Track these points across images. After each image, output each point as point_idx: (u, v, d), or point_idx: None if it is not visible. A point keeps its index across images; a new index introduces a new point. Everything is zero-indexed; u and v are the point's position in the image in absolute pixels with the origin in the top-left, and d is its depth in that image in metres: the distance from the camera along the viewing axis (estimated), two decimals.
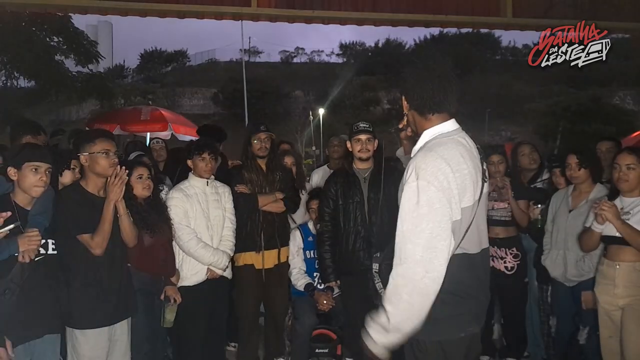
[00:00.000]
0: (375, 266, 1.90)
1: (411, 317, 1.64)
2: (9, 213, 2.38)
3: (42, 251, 2.52)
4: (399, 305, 1.64)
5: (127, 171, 2.66)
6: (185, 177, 3.57)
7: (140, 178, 3.13)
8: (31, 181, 2.46)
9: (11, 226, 2.35)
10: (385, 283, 1.74)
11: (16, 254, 2.37)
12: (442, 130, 1.77)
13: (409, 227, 1.64)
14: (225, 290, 3.63)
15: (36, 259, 2.45)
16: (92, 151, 2.61)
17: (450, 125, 1.79)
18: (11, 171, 2.48)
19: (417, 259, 1.61)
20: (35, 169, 2.46)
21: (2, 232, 2.33)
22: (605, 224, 2.77)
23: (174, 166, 4.37)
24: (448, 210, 1.62)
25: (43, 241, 2.49)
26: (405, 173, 1.73)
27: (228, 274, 3.54)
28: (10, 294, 2.37)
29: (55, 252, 2.59)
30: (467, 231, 1.71)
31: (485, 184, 1.79)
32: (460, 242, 1.69)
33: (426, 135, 1.79)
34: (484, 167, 1.80)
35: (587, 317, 3.17)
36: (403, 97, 1.84)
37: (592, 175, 3.31)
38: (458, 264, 1.69)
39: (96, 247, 2.57)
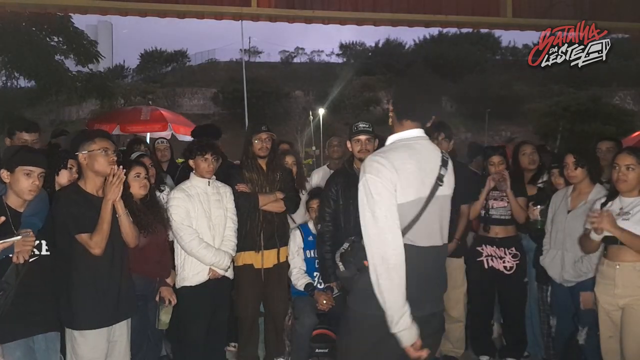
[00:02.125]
0: (342, 249, 2.16)
1: (397, 292, 1.87)
2: (3, 218, 2.37)
3: (36, 252, 2.53)
4: (384, 287, 1.87)
5: (124, 170, 2.66)
6: (186, 177, 3.58)
7: (138, 177, 3.13)
8: (24, 185, 2.47)
9: (14, 239, 2.34)
10: (354, 260, 2.04)
11: (10, 255, 2.37)
12: (405, 136, 2.05)
13: (368, 215, 1.91)
14: (227, 290, 3.63)
15: (30, 260, 2.45)
16: (91, 149, 2.62)
17: (415, 132, 2.06)
18: (4, 174, 2.49)
19: (384, 240, 1.88)
20: (28, 174, 2.48)
21: (6, 243, 2.32)
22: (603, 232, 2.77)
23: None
24: (393, 197, 1.91)
25: (37, 242, 2.50)
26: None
27: (230, 274, 3.54)
28: (4, 294, 2.37)
29: (48, 253, 2.59)
30: (414, 224, 1.95)
31: (441, 188, 2.02)
32: (406, 233, 1.93)
33: (391, 139, 2.08)
34: (442, 172, 2.03)
35: (586, 317, 3.17)
36: (390, 102, 2.16)
37: (589, 174, 3.31)
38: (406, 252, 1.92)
39: (95, 246, 2.57)
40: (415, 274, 1.93)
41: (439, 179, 2.02)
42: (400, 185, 1.92)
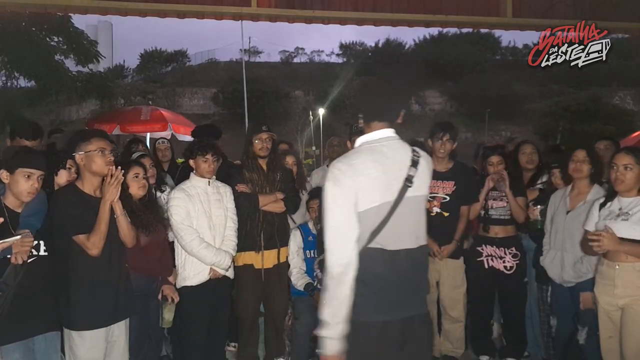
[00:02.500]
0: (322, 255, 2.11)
1: (337, 305, 1.86)
2: (1, 219, 2.37)
3: (35, 253, 2.52)
4: (327, 295, 1.88)
5: (122, 171, 2.66)
6: (187, 177, 3.58)
7: (137, 177, 3.13)
8: (23, 187, 2.46)
9: (13, 239, 2.33)
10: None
11: (8, 256, 2.37)
12: (371, 138, 2.02)
13: (325, 222, 1.91)
14: (228, 290, 3.63)
15: (29, 260, 2.44)
16: (87, 150, 2.61)
17: (382, 133, 2.02)
18: (3, 174, 2.48)
19: (332, 250, 1.88)
20: (28, 176, 2.47)
21: (6, 243, 2.32)
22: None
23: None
24: (351, 205, 1.88)
25: (35, 242, 2.49)
26: None
27: (230, 273, 3.54)
28: (3, 295, 2.37)
29: (46, 253, 2.59)
30: (382, 228, 1.91)
31: (411, 189, 1.96)
32: (375, 237, 1.90)
33: (359, 141, 2.05)
34: (411, 172, 1.97)
35: (585, 317, 3.17)
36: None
37: (591, 174, 3.31)
38: (373, 256, 1.91)
39: (92, 247, 2.57)
40: (385, 278, 1.92)
41: (408, 180, 1.97)
42: (362, 192, 1.89)
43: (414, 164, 1.99)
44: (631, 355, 2.74)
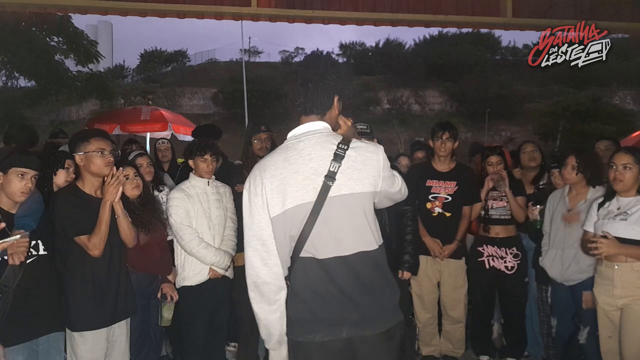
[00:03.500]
0: None
1: (264, 325, 1.78)
2: (3, 224, 2.35)
3: (34, 252, 2.51)
4: (253, 306, 1.79)
5: (123, 171, 2.65)
6: (187, 177, 3.58)
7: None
8: (16, 187, 2.44)
9: (12, 238, 2.31)
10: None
11: (5, 257, 2.35)
12: (291, 134, 1.87)
13: (244, 231, 1.81)
14: (227, 290, 3.62)
15: (28, 261, 2.43)
16: (87, 150, 2.61)
17: (305, 128, 1.85)
18: None
19: (249, 260, 1.78)
20: (22, 175, 2.44)
21: (5, 243, 2.30)
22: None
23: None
24: (263, 211, 1.76)
25: (33, 242, 2.48)
26: None
27: (230, 273, 3.54)
28: (2, 297, 2.35)
29: (46, 252, 2.57)
30: (307, 234, 1.72)
31: (334, 187, 1.73)
32: (303, 245, 1.73)
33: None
34: (333, 168, 1.74)
35: (587, 316, 3.17)
36: None
37: (586, 179, 3.31)
38: (305, 266, 1.75)
39: (93, 248, 2.57)
40: (320, 291, 1.72)
41: (329, 178, 1.73)
42: (271, 196, 1.75)
43: (337, 158, 1.75)
44: (630, 356, 2.74)
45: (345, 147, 1.77)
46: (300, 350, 1.76)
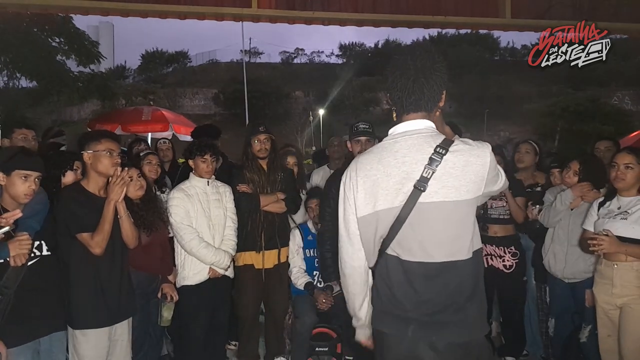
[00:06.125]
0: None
1: (350, 299, 1.89)
2: (13, 225, 2.35)
3: (37, 253, 2.52)
4: (344, 290, 1.92)
5: (129, 172, 2.67)
6: (187, 177, 3.60)
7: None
8: (20, 189, 2.42)
9: (6, 229, 2.31)
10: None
11: (8, 259, 2.35)
12: (391, 133, 1.79)
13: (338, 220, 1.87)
14: (227, 289, 3.64)
15: (30, 262, 2.43)
16: (96, 149, 2.62)
17: (404, 127, 1.75)
18: (0, 176, 2.44)
19: (341, 247, 1.86)
20: (25, 177, 2.43)
21: None
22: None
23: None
24: (352, 208, 1.79)
25: (37, 243, 2.49)
26: None
27: (230, 273, 3.56)
28: (3, 299, 2.35)
29: (49, 253, 2.58)
30: (393, 236, 1.71)
31: (425, 194, 1.65)
32: (389, 243, 1.73)
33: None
34: (426, 174, 1.65)
35: (590, 315, 3.16)
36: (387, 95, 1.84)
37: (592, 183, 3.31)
38: (389, 264, 1.76)
39: (96, 246, 2.57)
40: (406, 291, 1.72)
41: (421, 183, 1.65)
42: (363, 195, 1.74)
43: (433, 163, 1.64)
44: (629, 354, 2.75)
45: (444, 152, 1.66)
46: (376, 338, 1.84)
